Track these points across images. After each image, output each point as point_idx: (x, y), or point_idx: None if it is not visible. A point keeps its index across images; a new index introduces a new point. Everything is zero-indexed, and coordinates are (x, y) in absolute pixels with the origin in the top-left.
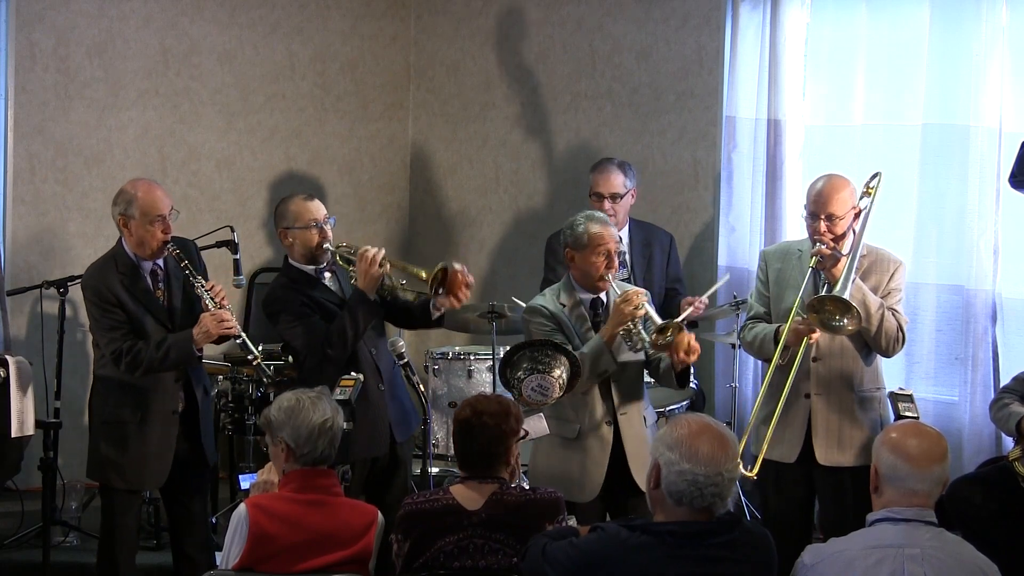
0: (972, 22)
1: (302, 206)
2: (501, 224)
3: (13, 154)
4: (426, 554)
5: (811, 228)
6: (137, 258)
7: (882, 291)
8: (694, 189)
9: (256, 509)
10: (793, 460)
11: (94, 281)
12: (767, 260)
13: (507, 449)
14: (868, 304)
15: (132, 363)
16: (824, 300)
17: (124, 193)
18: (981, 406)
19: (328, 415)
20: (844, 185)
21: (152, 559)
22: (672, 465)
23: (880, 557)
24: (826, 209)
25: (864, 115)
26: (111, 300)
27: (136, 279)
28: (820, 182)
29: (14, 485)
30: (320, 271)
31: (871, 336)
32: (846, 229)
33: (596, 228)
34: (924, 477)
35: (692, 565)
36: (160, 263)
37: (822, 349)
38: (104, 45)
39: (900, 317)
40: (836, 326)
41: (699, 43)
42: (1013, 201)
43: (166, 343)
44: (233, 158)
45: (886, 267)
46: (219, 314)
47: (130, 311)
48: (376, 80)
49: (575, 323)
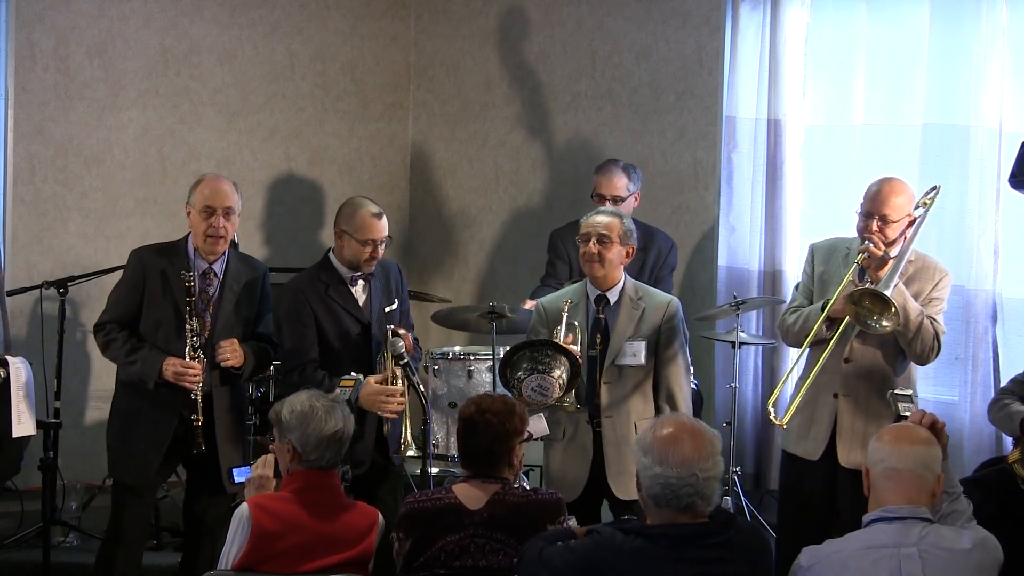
0: (972, 22)
1: (369, 223)
2: (501, 224)
3: (13, 154)
4: (427, 553)
5: (863, 226)
6: (196, 253)
7: (924, 299)
8: (694, 189)
9: (258, 509)
10: (817, 458)
11: (140, 253)
12: (815, 254)
13: (510, 449)
14: (908, 309)
15: (103, 345)
16: (865, 294)
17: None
18: (981, 406)
19: (340, 425)
20: (903, 190)
21: (153, 559)
22: (646, 469)
23: (876, 558)
24: (881, 210)
25: (864, 115)
26: (133, 279)
27: (181, 267)
28: (879, 183)
29: (14, 485)
30: (355, 278)
31: (907, 341)
32: (898, 235)
33: (586, 218)
34: (903, 455)
35: (687, 567)
36: (217, 268)
37: (855, 351)
38: (104, 45)
39: (938, 326)
40: (872, 324)
41: (699, 43)
42: (1013, 201)
43: (139, 353)
44: (233, 158)
45: (931, 275)
46: (189, 368)
47: (152, 293)
48: (376, 80)
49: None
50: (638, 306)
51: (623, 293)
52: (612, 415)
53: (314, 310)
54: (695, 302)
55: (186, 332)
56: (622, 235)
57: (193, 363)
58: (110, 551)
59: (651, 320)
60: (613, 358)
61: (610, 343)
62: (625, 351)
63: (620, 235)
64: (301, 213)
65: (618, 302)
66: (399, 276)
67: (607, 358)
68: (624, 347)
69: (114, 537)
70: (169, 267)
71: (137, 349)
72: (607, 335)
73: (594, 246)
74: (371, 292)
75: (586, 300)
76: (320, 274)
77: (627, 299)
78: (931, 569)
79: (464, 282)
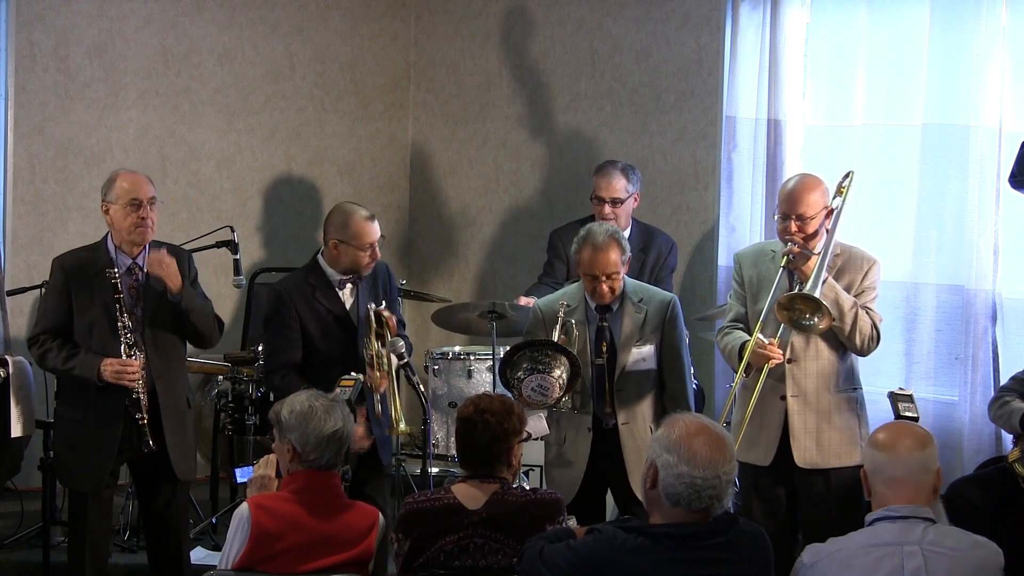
0: (972, 22)
1: (364, 227)
2: (501, 224)
3: (13, 154)
4: (426, 553)
5: (781, 229)
6: (117, 251)
7: (856, 289)
8: (694, 189)
9: (258, 509)
10: (769, 463)
11: (61, 260)
12: (741, 262)
13: (509, 449)
14: (841, 303)
15: (39, 358)
16: (794, 298)
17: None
18: (981, 406)
19: (339, 425)
20: (815, 185)
21: (134, 560)
22: (670, 468)
23: (879, 555)
24: (796, 210)
25: (864, 115)
26: (59, 286)
27: (104, 266)
28: (791, 183)
29: (14, 485)
30: (343, 282)
31: (845, 335)
32: (818, 228)
33: (586, 255)
34: (901, 463)
35: (688, 567)
36: (140, 262)
37: (797, 351)
38: (104, 45)
39: (874, 315)
40: (807, 325)
41: (699, 43)
42: (1013, 201)
43: (76, 359)
44: (233, 158)
45: (859, 265)
46: (127, 366)
47: (80, 297)
48: (376, 80)
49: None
50: (640, 308)
51: (624, 297)
52: (629, 421)
53: (299, 313)
54: (695, 302)
55: (119, 330)
56: (624, 260)
57: (131, 360)
58: (77, 555)
59: (654, 321)
60: (623, 365)
61: (618, 351)
62: (634, 356)
63: (623, 261)
64: (301, 213)
65: (620, 308)
66: (387, 276)
67: (617, 366)
68: (633, 352)
69: (79, 542)
70: (93, 268)
71: (73, 355)
72: (613, 343)
73: (605, 285)
74: (358, 295)
75: (585, 307)
76: (308, 277)
77: (629, 303)
78: (933, 567)
79: (464, 282)
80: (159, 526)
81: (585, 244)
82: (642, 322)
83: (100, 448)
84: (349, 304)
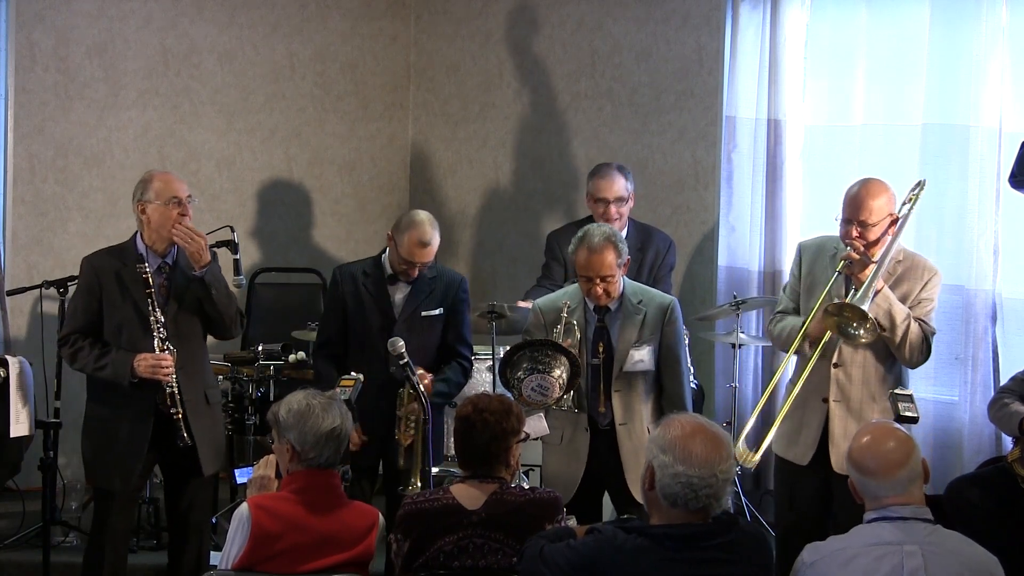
0: (972, 22)
1: (414, 250)
2: (501, 224)
3: (13, 154)
4: (426, 554)
5: (844, 232)
6: (147, 250)
7: (912, 300)
8: (694, 189)
9: (258, 509)
10: (806, 463)
11: (91, 259)
12: (803, 253)
13: (507, 448)
14: (893, 314)
15: (70, 357)
16: (843, 306)
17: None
18: (981, 406)
19: (337, 422)
20: (880, 191)
21: (152, 559)
22: (666, 468)
23: (879, 554)
24: (858, 215)
25: (864, 115)
26: (88, 286)
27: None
28: (855, 187)
29: (14, 485)
30: (394, 278)
31: (895, 346)
32: (880, 235)
33: (582, 256)
34: (892, 485)
35: (689, 568)
36: (169, 260)
37: (844, 356)
38: (104, 45)
39: (927, 328)
40: (852, 334)
41: (699, 43)
42: (1013, 201)
43: (108, 357)
44: (233, 158)
45: (920, 275)
46: (161, 359)
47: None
48: (376, 80)
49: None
50: (639, 310)
51: (623, 299)
52: (627, 422)
53: (345, 298)
54: (695, 302)
55: (152, 326)
56: (620, 263)
57: (164, 355)
58: (96, 554)
59: (653, 323)
60: (621, 366)
61: (616, 351)
62: (633, 357)
63: (619, 264)
64: (301, 213)
65: (619, 309)
66: (457, 290)
67: (615, 367)
68: (631, 354)
69: (99, 541)
70: (123, 268)
71: (105, 354)
72: (610, 344)
73: (600, 288)
74: (410, 293)
75: (584, 307)
76: (367, 266)
77: (628, 304)
78: (933, 567)
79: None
80: (182, 525)
81: (581, 245)
82: (641, 324)
83: (131, 446)
84: (397, 299)
